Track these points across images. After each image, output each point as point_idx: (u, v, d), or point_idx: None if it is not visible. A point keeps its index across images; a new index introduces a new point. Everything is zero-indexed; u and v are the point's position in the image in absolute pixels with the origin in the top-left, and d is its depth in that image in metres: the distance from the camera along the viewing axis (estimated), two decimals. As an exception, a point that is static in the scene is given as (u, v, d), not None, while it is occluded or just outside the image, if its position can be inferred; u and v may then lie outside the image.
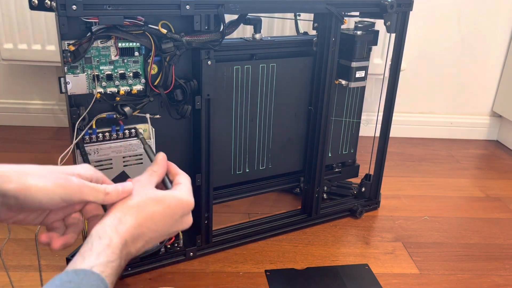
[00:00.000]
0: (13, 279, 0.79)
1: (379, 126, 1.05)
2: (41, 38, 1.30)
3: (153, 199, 0.58)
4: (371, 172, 1.09)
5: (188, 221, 0.62)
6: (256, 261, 0.91)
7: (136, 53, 0.73)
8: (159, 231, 0.58)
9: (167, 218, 0.58)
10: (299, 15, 1.10)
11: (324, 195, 1.11)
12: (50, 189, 0.48)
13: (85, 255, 0.50)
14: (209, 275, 0.86)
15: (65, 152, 0.66)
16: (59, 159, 0.65)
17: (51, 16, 1.25)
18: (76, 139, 0.69)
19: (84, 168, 0.54)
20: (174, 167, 0.66)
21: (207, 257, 0.91)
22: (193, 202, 0.62)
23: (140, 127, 0.76)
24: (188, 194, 0.62)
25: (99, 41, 0.70)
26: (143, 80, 0.75)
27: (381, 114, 1.05)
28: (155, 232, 0.57)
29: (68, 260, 0.79)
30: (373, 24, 0.99)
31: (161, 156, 0.65)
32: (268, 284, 0.84)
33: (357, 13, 0.98)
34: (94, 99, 0.71)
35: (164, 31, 0.73)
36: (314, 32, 0.97)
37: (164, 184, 0.64)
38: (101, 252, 0.50)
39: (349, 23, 1.12)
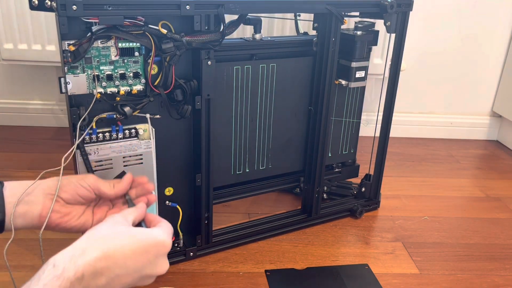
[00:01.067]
0: (14, 277, 0.79)
1: (379, 126, 1.05)
2: (41, 38, 1.30)
3: (125, 232, 0.54)
4: (371, 172, 1.09)
5: (164, 265, 0.57)
6: (256, 261, 0.91)
7: (136, 53, 0.73)
8: (128, 269, 0.52)
9: (139, 255, 0.53)
10: (299, 15, 1.10)
11: (324, 195, 1.11)
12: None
13: (33, 282, 0.48)
14: (209, 275, 0.86)
15: (68, 152, 0.66)
16: (62, 159, 0.65)
17: (51, 16, 1.25)
18: (78, 139, 0.69)
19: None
20: (155, 216, 0.63)
21: (207, 257, 0.91)
22: (170, 245, 0.57)
23: (140, 127, 0.76)
24: (165, 235, 0.57)
25: (99, 41, 0.70)
26: (143, 80, 0.75)
27: (381, 114, 1.05)
28: (123, 268, 0.52)
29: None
30: (373, 24, 0.99)
31: (141, 204, 0.64)
32: (268, 284, 0.84)
33: (357, 13, 0.98)
34: (94, 99, 0.71)
35: (164, 31, 0.73)
36: (314, 32, 0.97)
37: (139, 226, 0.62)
38: (47, 284, 0.47)
39: (349, 23, 1.12)
